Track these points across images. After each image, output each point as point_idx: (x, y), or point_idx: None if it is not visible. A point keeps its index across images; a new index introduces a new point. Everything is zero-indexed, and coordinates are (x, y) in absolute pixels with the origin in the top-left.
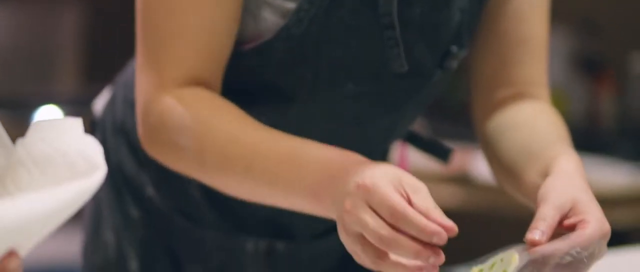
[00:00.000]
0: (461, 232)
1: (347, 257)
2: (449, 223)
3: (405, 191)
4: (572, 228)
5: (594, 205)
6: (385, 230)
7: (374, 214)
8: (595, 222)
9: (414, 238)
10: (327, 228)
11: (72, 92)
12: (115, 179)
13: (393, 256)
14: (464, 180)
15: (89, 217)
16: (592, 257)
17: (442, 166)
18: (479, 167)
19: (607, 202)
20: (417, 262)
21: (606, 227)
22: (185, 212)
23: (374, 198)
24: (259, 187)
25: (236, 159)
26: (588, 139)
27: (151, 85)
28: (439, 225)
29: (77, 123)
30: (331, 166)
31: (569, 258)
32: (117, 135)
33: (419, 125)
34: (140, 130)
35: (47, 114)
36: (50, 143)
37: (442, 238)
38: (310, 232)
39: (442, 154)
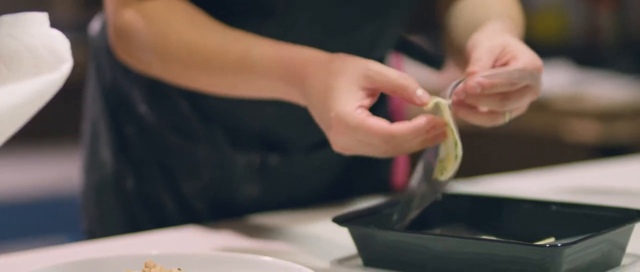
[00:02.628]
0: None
1: (340, 172)
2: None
3: (374, 86)
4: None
5: (524, 46)
6: (386, 149)
7: (368, 143)
8: (527, 57)
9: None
10: (320, 141)
11: (70, 18)
12: (110, 99)
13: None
14: None
15: (87, 136)
16: (526, 90)
17: (436, 74)
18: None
19: (607, 115)
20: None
21: (539, 62)
22: (177, 128)
23: (359, 135)
24: (226, 91)
25: (196, 69)
26: (588, 54)
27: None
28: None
29: (43, 17)
30: (283, 69)
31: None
32: (110, 55)
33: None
34: (112, 40)
35: None
36: (18, 38)
37: (436, 128)
38: (303, 145)
39: (435, 62)
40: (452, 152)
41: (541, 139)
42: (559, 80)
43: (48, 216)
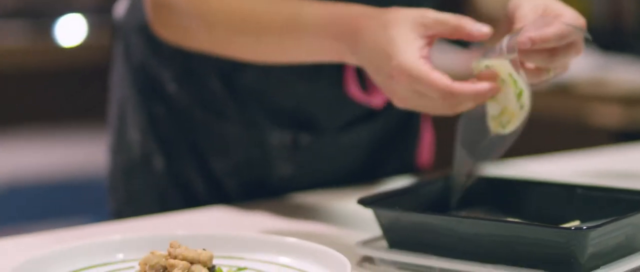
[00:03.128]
0: None
1: (368, 153)
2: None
3: (431, 33)
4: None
5: (565, 5)
6: (442, 105)
7: (426, 96)
8: (570, 14)
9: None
10: (351, 120)
11: (93, 1)
12: (139, 79)
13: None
14: None
15: (114, 118)
16: (571, 47)
17: (464, 50)
18: None
19: (630, 100)
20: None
21: (582, 19)
22: (207, 107)
23: (419, 86)
24: (273, 56)
25: (243, 34)
26: (611, 38)
27: None
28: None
29: None
30: (334, 26)
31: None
32: (139, 35)
33: None
34: (150, 15)
35: (69, 22)
36: None
37: (493, 91)
38: (334, 124)
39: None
40: (513, 103)
41: (565, 124)
42: (582, 64)
43: (73, 198)
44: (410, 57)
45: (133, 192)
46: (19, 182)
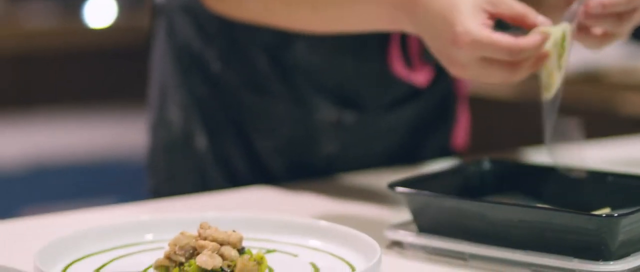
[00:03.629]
0: (513, 122)
1: (408, 135)
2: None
3: (488, 10)
4: None
5: None
6: (509, 72)
7: (490, 61)
8: None
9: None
10: (395, 100)
11: None
12: (182, 59)
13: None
14: None
15: (155, 97)
16: (636, 11)
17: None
18: None
19: None
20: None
21: None
22: (253, 85)
23: (485, 51)
24: (328, 26)
25: (299, 5)
26: None
27: None
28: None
29: None
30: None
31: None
32: (184, 15)
33: None
34: None
35: (99, 3)
36: None
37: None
38: (378, 103)
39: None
40: (555, 69)
41: (594, 112)
42: (612, 53)
43: (102, 179)
44: (474, 24)
45: (173, 170)
46: (48, 163)
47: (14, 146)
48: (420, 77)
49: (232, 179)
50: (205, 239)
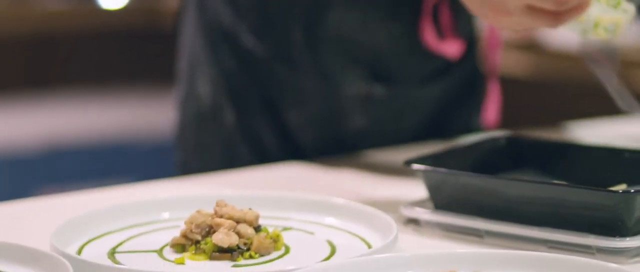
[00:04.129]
0: (529, 100)
1: (440, 109)
2: None
3: None
4: None
5: None
6: (552, 20)
7: (536, 12)
8: None
9: None
10: (425, 75)
11: None
12: (212, 34)
13: None
14: (532, 47)
15: (184, 71)
16: None
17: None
18: (548, 33)
19: None
20: None
21: None
22: (284, 58)
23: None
24: None
25: None
26: None
27: None
28: None
29: None
30: None
31: None
32: None
33: None
34: None
35: None
36: None
37: None
38: (409, 77)
39: None
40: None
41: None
42: (628, 31)
43: (116, 159)
44: None
45: (201, 143)
46: (63, 145)
47: (29, 128)
48: (451, 49)
49: (261, 154)
50: (221, 217)
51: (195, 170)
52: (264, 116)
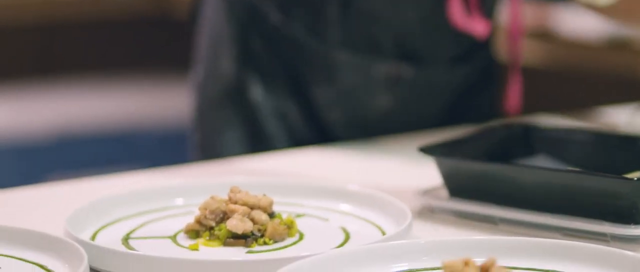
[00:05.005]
0: (542, 88)
1: (465, 92)
2: None
3: None
4: None
5: None
6: None
7: None
8: None
9: None
10: (454, 55)
11: None
12: (237, 12)
13: None
14: (545, 35)
15: (205, 51)
16: None
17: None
18: (560, 21)
19: None
20: None
21: None
22: (316, 34)
23: None
24: None
25: None
26: None
27: None
28: None
29: None
30: None
31: None
32: None
33: None
34: None
35: None
36: None
37: None
38: (437, 57)
39: None
40: None
41: (622, 79)
42: None
43: (127, 147)
44: None
45: (226, 122)
46: (75, 132)
47: (40, 116)
48: (479, 28)
49: (287, 132)
50: (235, 203)
51: (217, 150)
52: (290, 94)
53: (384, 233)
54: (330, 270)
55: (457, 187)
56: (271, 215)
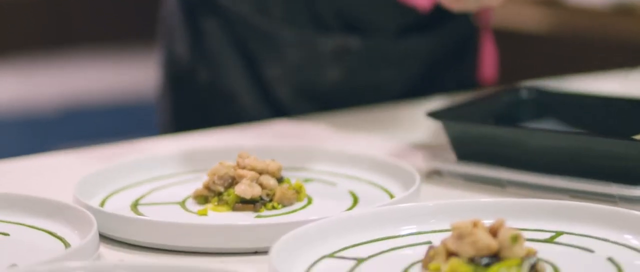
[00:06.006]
0: (550, 56)
1: (425, 65)
2: None
3: None
4: None
5: None
6: None
7: None
8: None
9: None
10: (403, 27)
11: None
12: None
13: None
14: (551, 2)
15: (163, 33)
16: None
17: None
18: None
19: None
20: None
21: None
22: (262, 12)
23: None
24: None
25: None
26: None
27: None
28: None
29: None
30: None
31: None
32: None
33: None
34: None
35: None
36: None
37: None
38: (383, 29)
39: None
40: None
41: (628, 44)
42: None
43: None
44: None
45: (178, 104)
46: (82, 103)
47: (49, 87)
48: (421, 1)
49: (235, 113)
50: (243, 168)
51: (174, 131)
52: (242, 73)
53: (392, 196)
54: (339, 233)
55: (465, 150)
56: (280, 180)
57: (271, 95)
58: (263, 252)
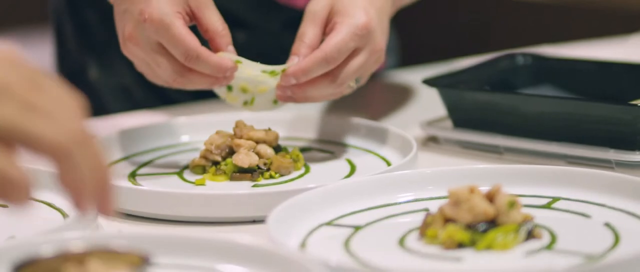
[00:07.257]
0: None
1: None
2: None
3: (190, 7)
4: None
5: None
6: (178, 74)
7: (166, 54)
8: (350, 19)
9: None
10: (286, 23)
11: None
12: None
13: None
14: None
15: (53, 30)
16: (357, 53)
17: None
18: None
19: None
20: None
21: (362, 20)
22: None
23: (164, 37)
24: None
25: None
26: None
27: None
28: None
29: None
30: None
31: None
32: None
33: None
34: None
35: None
36: None
37: (232, 71)
38: (266, 26)
39: None
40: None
41: (624, 11)
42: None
43: None
44: (169, 7)
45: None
46: None
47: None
48: (300, 1)
49: (130, 107)
50: (241, 137)
51: None
52: (129, 68)
53: (389, 164)
54: (336, 202)
55: (462, 117)
56: (277, 149)
57: (161, 88)
58: (261, 221)
